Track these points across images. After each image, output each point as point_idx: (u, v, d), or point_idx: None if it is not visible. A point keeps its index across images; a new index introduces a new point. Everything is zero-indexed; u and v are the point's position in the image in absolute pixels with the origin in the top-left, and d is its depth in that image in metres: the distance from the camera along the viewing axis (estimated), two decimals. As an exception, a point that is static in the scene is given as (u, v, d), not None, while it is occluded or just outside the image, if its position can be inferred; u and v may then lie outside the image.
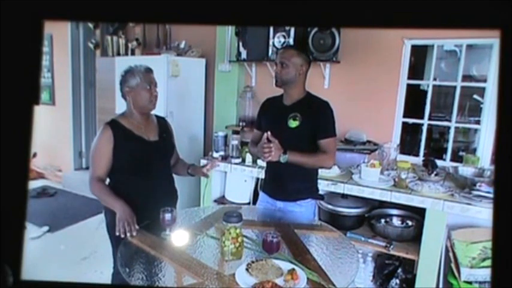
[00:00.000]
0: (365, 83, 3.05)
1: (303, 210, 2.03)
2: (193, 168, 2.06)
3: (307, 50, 3.00)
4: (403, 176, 2.48)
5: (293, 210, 2.01)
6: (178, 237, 1.66)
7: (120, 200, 1.73)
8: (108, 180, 1.90)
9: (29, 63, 0.61)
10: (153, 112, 1.97)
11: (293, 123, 1.93)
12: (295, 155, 1.84)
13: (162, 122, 2.02)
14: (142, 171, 1.87)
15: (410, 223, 2.61)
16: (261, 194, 2.18)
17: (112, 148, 1.81)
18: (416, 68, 3.13)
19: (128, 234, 1.64)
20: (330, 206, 2.70)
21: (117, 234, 1.66)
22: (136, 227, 1.68)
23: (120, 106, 1.96)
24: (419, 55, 3.12)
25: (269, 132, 1.79)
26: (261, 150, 1.82)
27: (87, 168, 4.99)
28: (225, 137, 3.18)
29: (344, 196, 2.69)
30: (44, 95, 5.02)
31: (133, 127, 1.87)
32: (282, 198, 2.04)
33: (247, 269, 1.40)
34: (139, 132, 1.87)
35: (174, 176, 2.06)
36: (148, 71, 1.88)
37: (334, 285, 1.36)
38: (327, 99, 2.01)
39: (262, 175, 2.30)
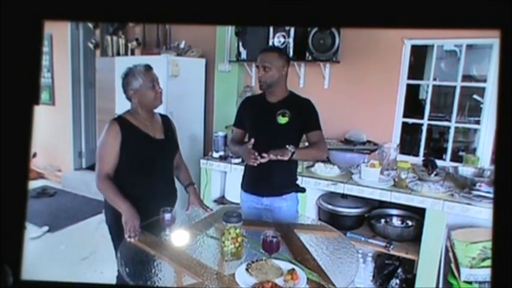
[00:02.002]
0: (365, 83, 3.05)
1: (289, 203, 2.06)
2: (191, 191, 2.02)
3: (308, 49, 3.01)
4: (403, 176, 2.48)
5: (280, 205, 2.04)
6: (178, 237, 1.66)
7: (127, 202, 1.72)
8: None
9: (29, 63, 0.61)
10: (156, 110, 1.97)
11: (282, 120, 1.97)
12: (299, 150, 1.91)
13: (166, 121, 2.01)
14: (147, 169, 1.87)
15: (410, 223, 2.61)
16: (243, 194, 2.16)
17: (119, 144, 1.80)
18: (416, 68, 3.13)
19: (132, 240, 1.64)
20: (330, 206, 2.70)
21: (126, 237, 1.65)
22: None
23: (120, 106, 1.95)
24: (419, 55, 3.12)
25: (252, 140, 1.87)
26: (247, 156, 1.87)
27: (87, 168, 4.98)
28: (225, 137, 3.18)
29: (344, 196, 2.69)
30: (44, 95, 5.01)
31: (139, 124, 1.87)
32: (269, 194, 2.05)
33: (247, 269, 1.40)
34: (145, 129, 1.87)
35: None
36: (148, 68, 1.87)
37: (334, 285, 1.36)
38: (327, 99, 2.02)
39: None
